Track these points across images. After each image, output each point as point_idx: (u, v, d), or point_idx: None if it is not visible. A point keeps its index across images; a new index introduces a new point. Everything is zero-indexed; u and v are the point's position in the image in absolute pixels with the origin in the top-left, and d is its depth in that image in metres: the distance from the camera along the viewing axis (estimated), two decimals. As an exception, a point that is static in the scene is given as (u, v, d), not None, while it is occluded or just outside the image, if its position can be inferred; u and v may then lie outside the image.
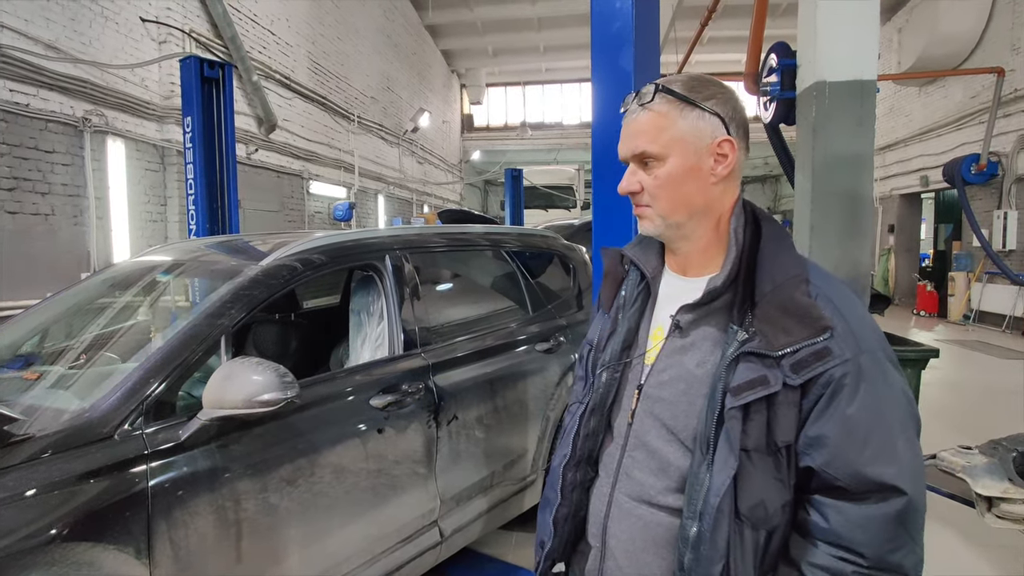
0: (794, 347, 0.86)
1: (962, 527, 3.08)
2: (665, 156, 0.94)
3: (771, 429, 0.87)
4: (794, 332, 0.86)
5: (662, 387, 0.97)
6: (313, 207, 10.54)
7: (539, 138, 21.28)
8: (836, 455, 0.85)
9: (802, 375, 0.85)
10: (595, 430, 1.06)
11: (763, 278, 0.92)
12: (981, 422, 4.96)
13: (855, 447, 0.85)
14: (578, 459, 1.07)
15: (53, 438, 1.51)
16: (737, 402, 0.86)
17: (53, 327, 2.52)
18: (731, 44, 16.05)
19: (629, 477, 0.99)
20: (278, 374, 1.69)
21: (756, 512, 0.87)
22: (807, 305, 0.88)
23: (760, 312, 0.90)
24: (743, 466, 0.87)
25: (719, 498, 0.86)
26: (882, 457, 0.85)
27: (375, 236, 2.56)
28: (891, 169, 13.76)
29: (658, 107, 0.95)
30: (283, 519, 1.83)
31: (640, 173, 0.97)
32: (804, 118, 4.25)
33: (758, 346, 0.87)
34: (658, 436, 0.97)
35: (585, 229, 5.96)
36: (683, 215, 0.97)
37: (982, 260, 10.55)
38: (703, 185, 0.95)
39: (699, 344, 0.95)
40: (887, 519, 0.84)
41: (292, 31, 9.68)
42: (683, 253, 1.02)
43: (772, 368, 0.86)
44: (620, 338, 1.04)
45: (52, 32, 5.55)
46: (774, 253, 0.94)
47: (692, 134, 0.94)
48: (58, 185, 5.70)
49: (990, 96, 9.98)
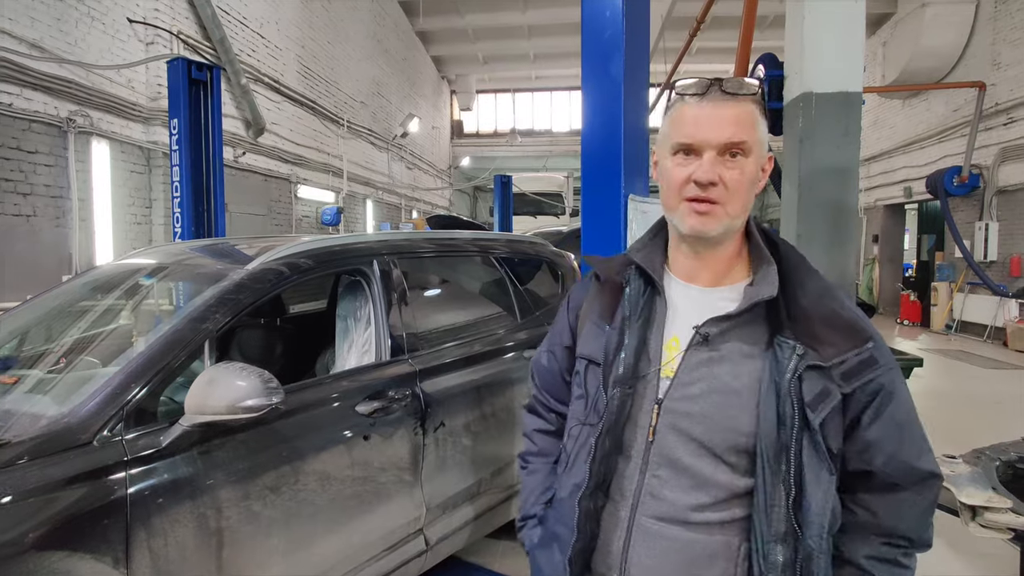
0: (841, 357, 0.89)
1: (946, 535, 3.10)
2: (751, 152, 0.92)
3: (824, 437, 0.89)
4: (839, 343, 0.89)
5: (691, 401, 0.93)
6: (301, 211, 10.47)
7: (528, 145, 21.34)
8: (894, 455, 0.92)
9: (851, 383, 0.89)
10: (610, 452, 0.98)
11: (800, 292, 0.93)
12: (964, 431, 5.01)
13: (907, 445, 0.92)
14: (595, 486, 0.98)
15: (29, 444, 1.47)
16: (819, 416, 0.88)
17: (33, 330, 2.47)
18: (719, 55, 16.24)
19: (655, 498, 0.94)
20: (262, 379, 1.66)
21: (816, 520, 0.89)
22: (852, 317, 0.92)
23: (803, 325, 0.90)
24: (804, 478, 0.89)
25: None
26: (925, 450, 0.95)
27: (363, 241, 2.54)
28: (875, 180, 13.95)
29: (748, 105, 0.92)
30: (266, 527, 1.80)
31: (720, 166, 0.91)
32: (791, 129, 4.30)
33: (816, 358, 0.88)
34: (688, 451, 0.92)
35: (574, 236, 5.98)
36: (740, 220, 0.95)
37: (964, 271, 10.71)
38: (754, 192, 0.96)
39: (730, 356, 0.92)
40: (927, 503, 0.95)
41: (282, 34, 9.64)
42: (705, 260, 0.98)
43: (829, 380, 0.88)
44: (632, 352, 0.97)
45: (37, 31, 5.48)
46: (800, 267, 0.96)
47: (764, 138, 0.95)
48: (40, 186, 5.62)
49: (972, 110, 10.17)
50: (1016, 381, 7.33)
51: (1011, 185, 9.67)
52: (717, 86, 0.92)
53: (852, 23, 4.09)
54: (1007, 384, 7.19)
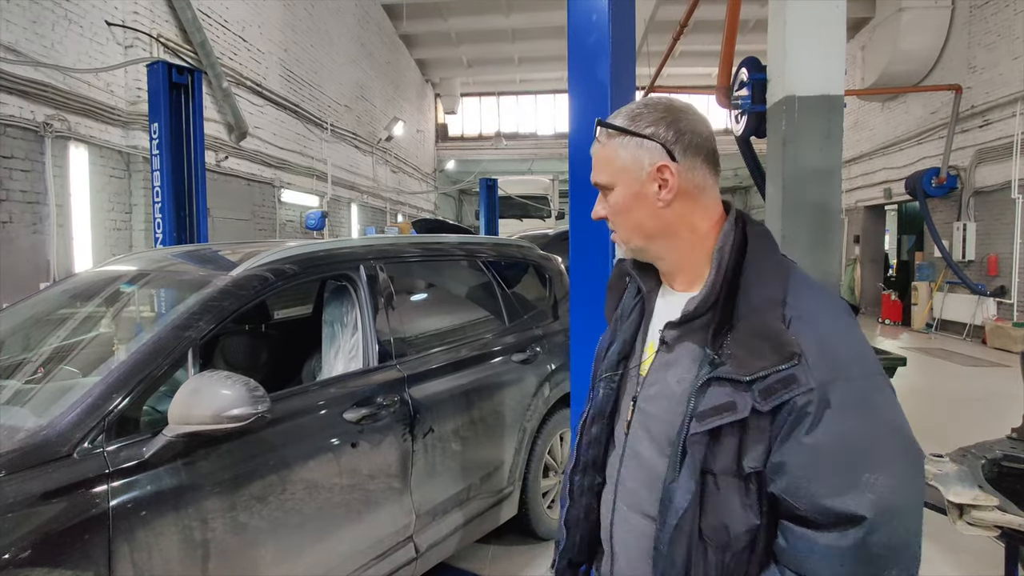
0: (764, 372, 0.83)
1: (933, 534, 3.13)
2: (613, 185, 0.98)
3: (740, 454, 0.85)
4: (764, 358, 0.84)
5: (649, 401, 0.98)
6: (285, 216, 10.38)
7: (513, 148, 21.35)
8: (795, 484, 0.83)
9: (769, 402, 0.83)
10: (597, 437, 1.08)
11: (741, 300, 0.90)
12: (948, 429, 5.08)
13: (814, 477, 0.81)
14: (583, 465, 1.10)
15: (7, 457, 1.44)
16: (701, 427, 0.86)
17: (9, 340, 2.41)
18: (702, 58, 16.37)
19: (625, 486, 1.01)
20: (248, 388, 1.64)
21: (718, 535, 0.86)
22: (777, 330, 0.85)
23: (735, 336, 0.88)
24: (707, 488, 0.86)
25: (677, 518, 0.88)
26: (844, 490, 0.80)
27: (349, 246, 2.52)
28: (856, 182, 14.14)
29: (604, 140, 0.99)
30: (253, 538, 1.77)
31: (603, 201, 1.01)
32: (774, 131, 4.34)
33: (728, 371, 0.86)
34: (649, 448, 0.97)
35: (560, 239, 5.98)
36: (640, 240, 0.99)
37: (943, 270, 10.88)
38: (651, 211, 0.96)
39: (680, 361, 0.94)
40: (848, 552, 0.80)
41: (264, 38, 9.56)
42: (664, 271, 1.03)
43: (743, 393, 0.84)
44: (617, 349, 1.07)
45: (12, 34, 5.38)
46: (757, 274, 0.92)
47: (632, 163, 0.95)
48: (16, 191, 5.50)
49: (949, 112, 10.34)
50: (996, 378, 7.46)
51: (987, 186, 9.85)
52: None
53: (833, 27, 4.14)
54: (987, 381, 7.31)
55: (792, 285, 0.90)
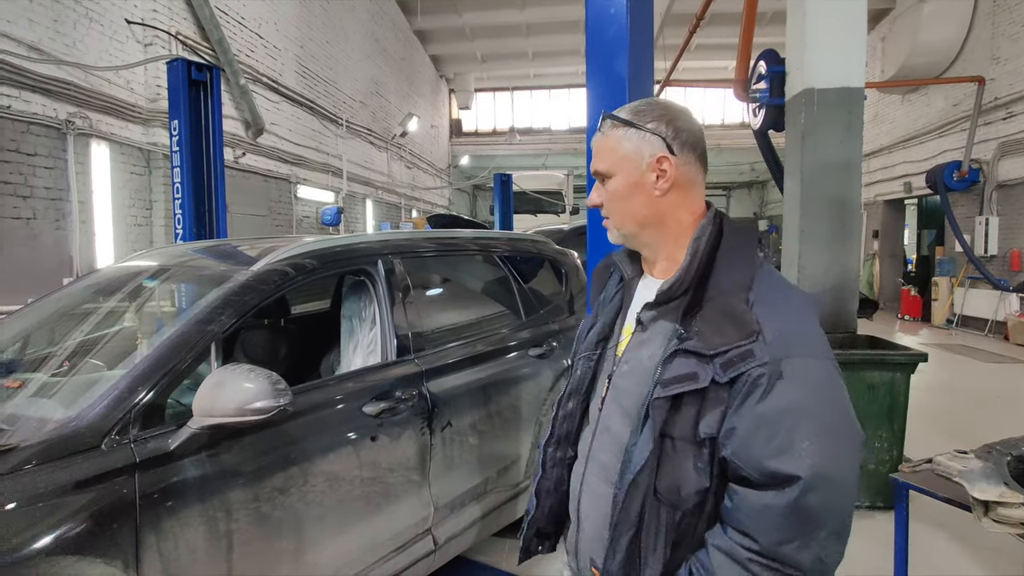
0: (725, 347, 0.93)
1: (957, 531, 3.10)
2: (613, 174, 1.07)
3: (697, 421, 0.94)
4: (728, 335, 0.94)
5: (623, 377, 1.08)
6: (301, 211, 10.46)
7: (527, 143, 21.31)
8: (743, 446, 0.91)
9: (728, 373, 0.92)
10: (572, 412, 1.18)
11: (712, 285, 1.00)
12: (972, 426, 5.01)
13: (760, 441, 0.90)
14: (557, 438, 1.20)
15: (37, 448, 1.46)
16: (664, 392, 0.95)
17: (35, 334, 2.46)
18: (718, 51, 16.21)
19: (596, 459, 1.09)
20: (271, 381, 1.66)
21: (671, 494, 0.95)
22: (741, 311, 0.96)
23: (703, 315, 0.98)
24: (664, 451, 0.96)
25: (633, 475, 0.97)
26: (784, 453, 0.89)
27: (367, 241, 2.53)
28: (875, 175, 13.94)
29: (608, 131, 1.08)
30: (275, 529, 1.79)
31: (600, 189, 1.10)
32: (793, 124, 4.29)
33: (694, 345, 0.95)
34: (620, 422, 1.06)
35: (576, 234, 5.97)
36: (633, 226, 1.08)
37: (964, 265, 10.71)
38: (648, 199, 1.06)
39: (653, 339, 1.04)
40: (782, 510, 0.89)
41: (280, 34, 9.62)
42: (648, 259, 1.13)
43: (705, 365, 0.94)
44: (596, 331, 1.17)
45: (35, 33, 5.46)
46: (728, 263, 1.02)
47: (635, 153, 1.05)
48: (40, 188, 5.60)
49: (971, 104, 10.16)
50: (1019, 375, 7.34)
51: (1011, 180, 9.67)
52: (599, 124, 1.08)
53: (854, 18, 4.08)
54: (1010, 378, 7.19)
55: (759, 276, 1.01)
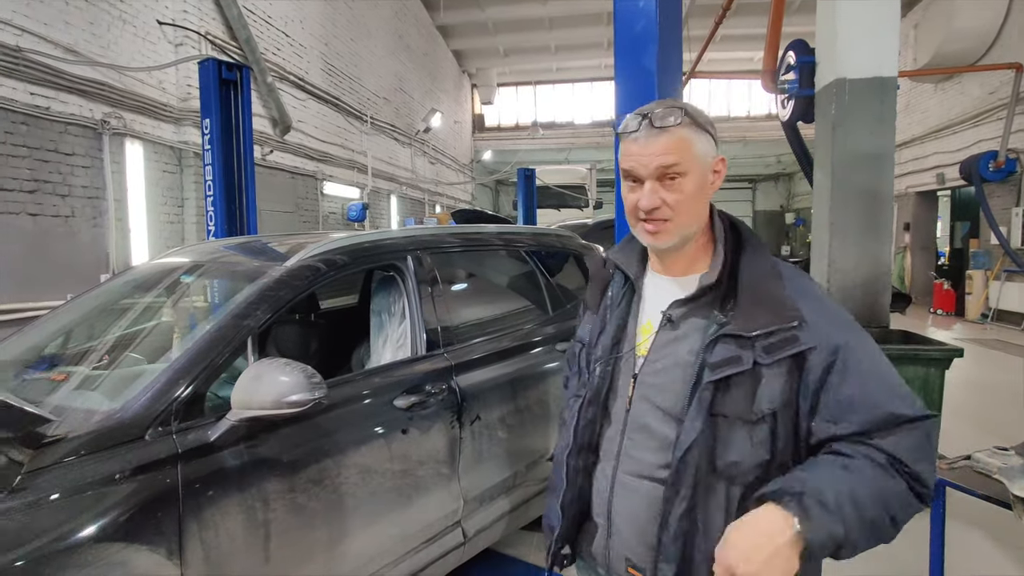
0: (766, 330, 0.99)
1: (996, 529, 3.03)
2: (687, 172, 1.05)
3: (756, 399, 0.99)
4: (766, 318, 1.00)
5: (657, 375, 1.09)
6: (327, 208, 10.58)
7: (550, 138, 21.24)
8: (867, 407, 0.97)
9: (773, 356, 0.99)
10: (593, 419, 1.17)
11: (744, 274, 1.06)
12: (1008, 423, 4.88)
13: (880, 397, 0.98)
14: (579, 446, 1.18)
15: (85, 439, 1.52)
16: (714, 376, 1.00)
17: (76, 329, 2.54)
18: (744, 42, 15.95)
19: (629, 457, 1.10)
20: (306, 375, 1.69)
21: (731, 469, 1.00)
22: (780, 297, 1.03)
23: (739, 301, 1.03)
24: (719, 429, 1.00)
25: (683, 451, 1.00)
26: (907, 399, 0.99)
27: (395, 237, 2.56)
28: (906, 167, 13.60)
29: (679, 129, 1.05)
30: (310, 519, 1.84)
31: (660, 190, 1.05)
32: (823, 116, 4.21)
33: (734, 328, 1.01)
34: (655, 418, 1.08)
35: (600, 228, 5.95)
36: (694, 226, 1.09)
37: (1000, 258, 10.40)
38: (706, 199, 1.10)
39: (690, 334, 1.07)
40: (920, 436, 0.98)
41: (306, 32, 9.72)
42: (672, 258, 1.14)
43: (746, 349, 0.99)
44: (610, 335, 1.17)
45: (71, 36, 5.61)
46: (753, 254, 1.09)
47: (703, 153, 1.06)
48: (78, 187, 5.76)
49: (1008, 92, 9.84)
50: (1058, 371, 7.12)
51: (1051, 169, 9.36)
52: (648, 121, 1.05)
53: (886, 5, 3.99)
54: (1048, 374, 6.98)
55: (782, 266, 1.09)
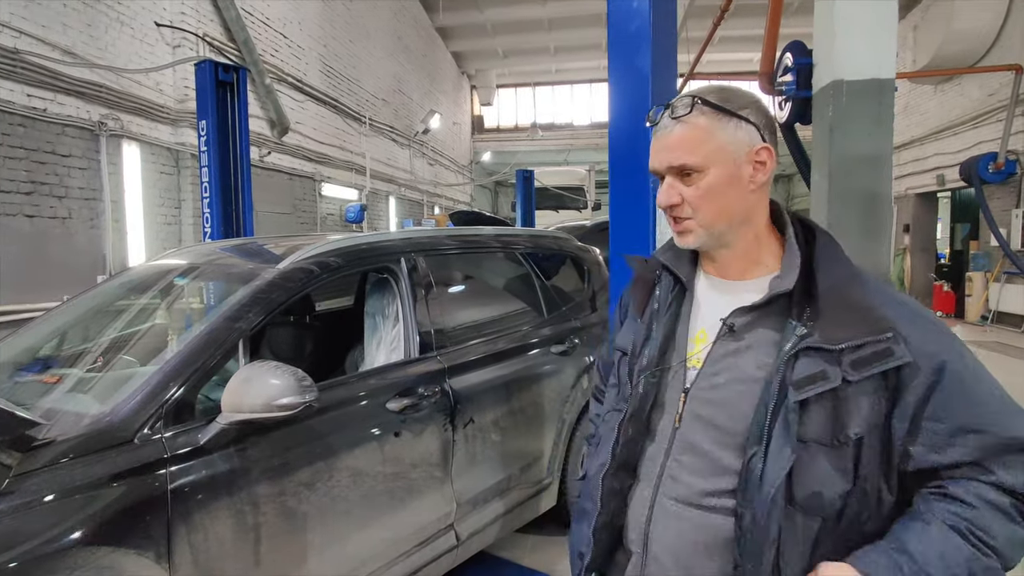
0: (855, 342, 0.87)
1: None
2: (706, 167, 0.95)
3: (841, 422, 0.87)
4: (854, 328, 0.88)
5: (715, 390, 0.96)
6: (325, 209, 10.58)
7: (549, 139, 21.25)
8: (978, 433, 0.86)
9: (861, 372, 0.86)
10: (634, 437, 1.04)
11: (822, 278, 0.93)
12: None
13: (994, 418, 0.87)
14: (617, 466, 1.04)
15: (74, 442, 1.51)
16: (800, 396, 0.87)
17: (71, 330, 2.54)
18: (743, 43, 15.95)
19: (675, 480, 0.98)
20: (296, 378, 1.69)
21: (811, 501, 0.88)
22: (867, 304, 0.90)
23: (818, 309, 0.91)
24: (799, 457, 0.87)
25: (773, 488, 0.87)
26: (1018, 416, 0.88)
27: (390, 239, 2.55)
28: (906, 168, 13.60)
29: (695, 119, 0.95)
30: (301, 523, 1.83)
31: (679, 185, 0.97)
32: (820, 117, 4.20)
33: (818, 340, 0.88)
34: (709, 439, 0.96)
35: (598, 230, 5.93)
36: (724, 224, 0.97)
37: (1000, 260, 10.40)
38: (742, 193, 0.96)
39: (756, 346, 0.95)
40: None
41: (304, 34, 9.72)
42: (722, 259, 1.02)
43: (833, 364, 0.87)
44: (657, 344, 1.04)
45: (69, 38, 5.61)
46: (830, 257, 0.96)
47: (731, 144, 0.95)
48: (75, 189, 5.76)
49: (1008, 94, 9.83)
50: (1057, 373, 7.11)
51: (1050, 171, 9.36)
52: (669, 111, 0.96)
53: (884, 7, 3.98)
54: (1047, 376, 6.98)
55: (858, 267, 0.97)
